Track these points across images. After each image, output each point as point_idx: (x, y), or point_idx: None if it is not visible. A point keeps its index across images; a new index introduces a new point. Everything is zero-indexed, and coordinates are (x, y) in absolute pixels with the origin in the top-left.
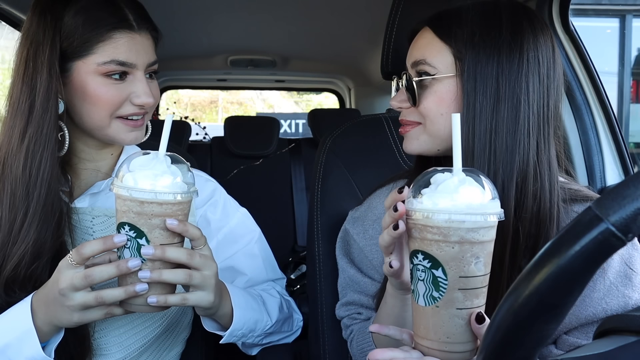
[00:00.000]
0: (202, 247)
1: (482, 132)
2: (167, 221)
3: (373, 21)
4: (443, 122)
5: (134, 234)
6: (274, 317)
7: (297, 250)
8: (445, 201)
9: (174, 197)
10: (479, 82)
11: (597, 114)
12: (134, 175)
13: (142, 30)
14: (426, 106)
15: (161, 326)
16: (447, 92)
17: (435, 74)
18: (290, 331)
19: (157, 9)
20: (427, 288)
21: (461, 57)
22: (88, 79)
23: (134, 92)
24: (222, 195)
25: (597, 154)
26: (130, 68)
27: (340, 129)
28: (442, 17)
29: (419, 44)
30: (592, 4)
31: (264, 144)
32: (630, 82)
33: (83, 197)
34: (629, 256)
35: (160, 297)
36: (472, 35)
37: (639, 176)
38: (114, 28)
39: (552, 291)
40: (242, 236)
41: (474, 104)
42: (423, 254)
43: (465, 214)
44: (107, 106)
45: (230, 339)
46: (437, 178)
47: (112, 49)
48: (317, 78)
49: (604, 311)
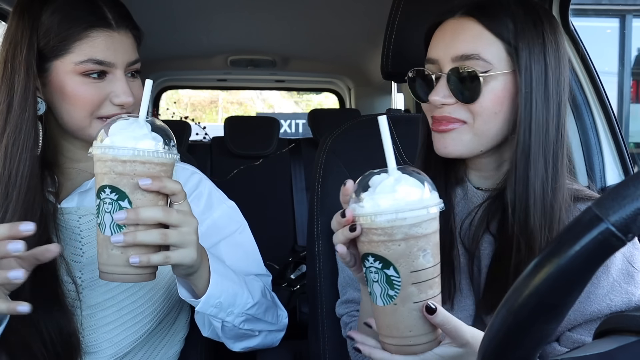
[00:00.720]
0: (181, 202)
1: (537, 128)
2: (140, 182)
3: (373, 21)
4: (495, 120)
5: (115, 196)
6: (255, 297)
7: (297, 250)
8: (386, 201)
9: (157, 156)
10: (534, 77)
11: (597, 114)
12: (112, 139)
13: (121, 28)
14: (482, 104)
15: (152, 322)
16: (504, 89)
17: (488, 69)
18: (275, 324)
19: (157, 9)
20: (382, 288)
21: (517, 51)
22: (66, 78)
23: (113, 91)
24: (207, 187)
25: (597, 154)
26: (108, 67)
27: (340, 129)
28: (488, 8)
29: (464, 36)
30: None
31: (264, 144)
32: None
33: (71, 196)
34: (630, 255)
35: (142, 256)
36: (523, 30)
37: (639, 176)
38: (90, 26)
39: (552, 291)
40: (225, 227)
41: (530, 100)
42: (373, 255)
43: (405, 211)
44: (86, 106)
45: (207, 308)
46: (374, 180)
47: (89, 47)
48: (317, 78)
49: (608, 307)
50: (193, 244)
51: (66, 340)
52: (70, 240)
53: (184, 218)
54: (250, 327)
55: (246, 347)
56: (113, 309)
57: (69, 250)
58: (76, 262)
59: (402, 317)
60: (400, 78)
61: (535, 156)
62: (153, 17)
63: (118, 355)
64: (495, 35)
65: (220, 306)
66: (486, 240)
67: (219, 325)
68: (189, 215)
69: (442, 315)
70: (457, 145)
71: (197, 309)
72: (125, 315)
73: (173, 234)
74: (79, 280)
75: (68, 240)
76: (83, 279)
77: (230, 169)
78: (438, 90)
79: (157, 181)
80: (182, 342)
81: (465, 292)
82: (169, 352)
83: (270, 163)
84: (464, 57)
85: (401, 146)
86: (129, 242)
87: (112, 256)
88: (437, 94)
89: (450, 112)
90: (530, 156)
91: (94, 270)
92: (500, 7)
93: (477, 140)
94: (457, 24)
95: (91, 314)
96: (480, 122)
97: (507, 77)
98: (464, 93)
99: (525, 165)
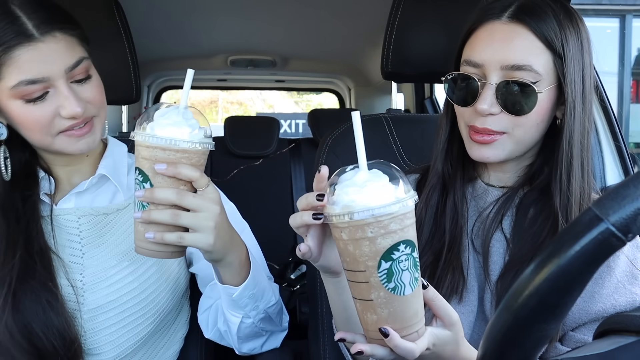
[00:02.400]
0: (204, 188)
1: (579, 135)
2: (155, 166)
3: (373, 21)
4: (536, 130)
5: (141, 177)
6: (276, 296)
7: None
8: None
9: (175, 143)
10: (576, 87)
11: (597, 114)
12: (152, 124)
13: (46, 35)
14: (529, 117)
15: (154, 323)
16: (549, 100)
17: (537, 81)
18: (280, 326)
19: (157, 9)
20: (411, 273)
21: (562, 62)
22: (9, 104)
23: (60, 105)
24: None
25: (597, 154)
26: (45, 83)
27: (340, 129)
28: (537, 13)
29: (517, 44)
30: (592, 4)
31: (264, 144)
32: (630, 82)
33: (68, 197)
34: (634, 257)
35: (157, 233)
36: (567, 38)
37: (639, 176)
38: (9, 47)
39: (552, 291)
40: None
41: (573, 108)
42: (404, 242)
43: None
44: (37, 128)
45: (242, 297)
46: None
47: (16, 70)
48: (317, 78)
49: (613, 307)
50: (210, 230)
51: (68, 347)
52: (68, 241)
53: (201, 203)
54: (264, 327)
55: (252, 348)
56: (115, 311)
57: (67, 251)
58: (76, 263)
59: (419, 300)
60: (400, 78)
61: (576, 162)
62: (153, 17)
63: (120, 357)
64: (545, 44)
65: (253, 297)
66: (495, 238)
67: (237, 321)
68: (210, 202)
69: (433, 290)
70: (500, 155)
71: (234, 296)
72: (128, 317)
73: (187, 216)
74: (80, 283)
75: (66, 241)
76: (84, 281)
77: (230, 169)
78: (486, 98)
79: (172, 167)
80: (182, 340)
81: (471, 288)
82: (168, 352)
83: (270, 163)
84: (516, 67)
85: (401, 146)
86: (145, 219)
87: (138, 232)
88: (484, 103)
89: (492, 124)
90: (572, 161)
91: (95, 273)
92: (548, 12)
93: (516, 147)
94: (507, 29)
95: (93, 317)
96: (521, 132)
97: (552, 89)
98: (514, 105)
99: (568, 172)
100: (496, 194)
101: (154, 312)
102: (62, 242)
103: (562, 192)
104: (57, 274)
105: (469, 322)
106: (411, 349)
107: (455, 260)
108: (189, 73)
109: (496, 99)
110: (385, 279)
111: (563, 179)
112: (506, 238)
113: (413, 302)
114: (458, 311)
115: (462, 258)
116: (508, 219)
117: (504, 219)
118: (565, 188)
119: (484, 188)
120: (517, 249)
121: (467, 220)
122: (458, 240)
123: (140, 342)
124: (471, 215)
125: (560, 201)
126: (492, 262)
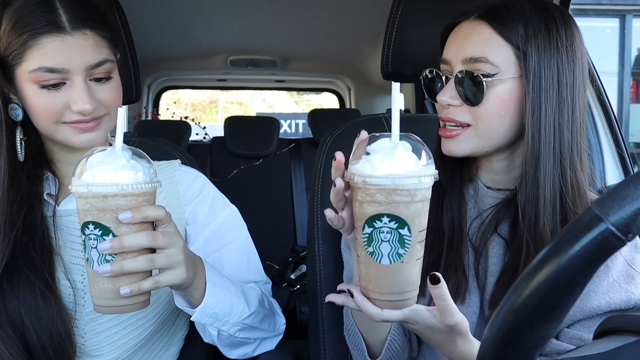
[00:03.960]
0: (166, 224)
1: (548, 132)
2: (120, 216)
3: (373, 21)
4: (499, 124)
5: (99, 232)
6: (252, 307)
7: (297, 250)
8: (406, 164)
9: (138, 188)
10: (543, 83)
11: (597, 114)
12: (92, 172)
13: (77, 30)
14: (487, 107)
15: (154, 325)
16: (510, 92)
17: (496, 73)
18: (272, 331)
19: (156, 9)
20: (393, 247)
21: (525, 56)
22: (25, 87)
23: (71, 98)
24: (211, 191)
25: (597, 154)
26: (63, 74)
27: (340, 129)
28: (500, 12)
29: (475, 39)
30: (592, 4)
31: (264, 144)
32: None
33: (71, 197)
34: (631, 258)
35: (132, 285)
36: (535, 34)
37: (639, 176)
38: (38, 34)
39: (553, 291)
40: (229, 233)
41: (539, 106)
42: (389, 216)
43: (429, 174)
44: (44, 115)
45: (202, 318)
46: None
47: (40, 55)
48: (317, 78)
49: (608, 305)
50: (181, 264)
51: (58, 341)
52: (70, 242)
53: (170, 240)
54: (246, 336)
55: (242, 354)
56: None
57: (69, 252)
58: (77, 264)
59: (406, 274)
60: (400, 78)
61: (545, 161)
62: (153, 17)
63: (120, 358)
64: (505, 39)
65: (215, 316)
66: (494, 240)
67: (215, 333)
68: (175, 236)
69: (443, 288)
70: (465, 148)
71: (192, 318)
72: (128, 319)
73: (160, 258)
74: (80, 284)
75: (68, 242)
76: (85, 283)
77: (230, 169)
78: (446, 90)
79: (138, 212)
80: (182, 340)
81: (472, 289)
82: (168, 352)
83: (270, 163)
84: (473, 59)
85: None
86: (116, 272)
87: (104, 290)
88: (444, 95)
89: (455, 115)
90: (540, 161)
91: None
92: (514, 12)
93: (483, 142)
94: (470, 26)
95: (93, 318)
96: (484, 125)
97: (514, 82)
98: (469, 95)
99: (535, 169)
100: (495, 196)
101: (154, 314)
102: (64, 242)
103: (528, 199)
104: (56, 270)
105: (471, 324)
106: (371, 312)
107: (457, 261)
108: (121, 111)
109: (456, 92)
110: (366, 242)
111: (529, 182)
112: (505, 240)
113: (391, 274)
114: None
115: (464, 259)
116: (507, 221)
117: (501, 222)
118: (531, 194)
119: (484, 190)
120: (515, 251)
121: (467, 221)
122: (459, 240)
123: (141, 343)
124: (471, 216)
125: (527, 208)
126: (492, 263)
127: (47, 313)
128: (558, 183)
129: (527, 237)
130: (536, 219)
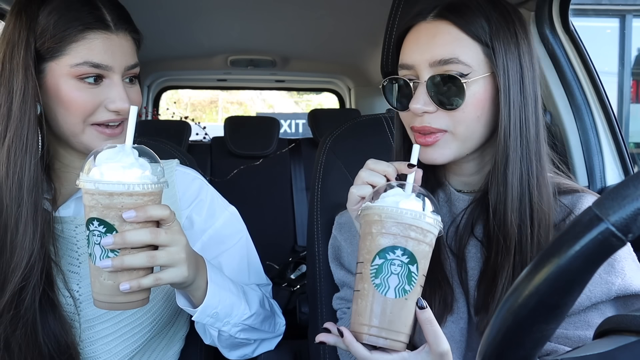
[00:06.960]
0: (171, 223)
1: (516, 126)
2: (123, 215)
3: (373, 21)
4: (477, 125)
5: (103, 229)
6: (253, 308)
7: (297, 250)
8: (423, 208)
9: (144, 188)
10: (510, 78)
11: (597, 114)
12: (100, 169)
13: (120, 31)
14: (465, 110)
15: (151, 332)
16: (484, 92)
17: (468, 72)
18: (272, 332)
19: (157, 9)
20: (401, 281)
21: (494, 52)
22: (61, 81)
23: (108, 97)
24: (209, 193)
25: (597, 154)
26: (105, 71)
27: (340, 129)
28: (460, 9)
29: (441, 39)
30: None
31: (264, 144)
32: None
33: (68, 203)
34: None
35: (132, 281)
36: (498, 31)
37: (639, 176)
38: (87, 28)
39: (552, 291)
40: (228, 237)
41: (509, 100)
42: (403, 249)
43: (440, 221)
44: (79, 111)
45: (204, 318)
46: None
47: (86, 50)
48: (317, 78)
49: (588, 299)
50: (183, 262)
51: (64, 351)
52: (67, 250)
53: (172, 237)
54: (247, 337)
55: (242, 355)
56: (112, 322)
57: (66, 260)
58: (74, 272)
59: (406, 313)
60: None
61: (514, 155)
62: (153, 17)
63: None
64: (472, 37)
65: (216, 316)
66: (470, 243)
67: (216, 333)
68: (178, 234)
69: (429, 313)
70: (445, 155)
71: (194, 318)
72: (124, 327)
73: (161, 255)
74: (77, 293)
75: (65, 250)
76: (81, 292)
77: (230, 169)
78: (418, 98)
79: (142, 212)
80: (182, 340)
81: (458, 296)
82: (169, 352)
83: (270, 163)
84: (443, 61)
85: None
86: (117, 267)
87: (105, 285)
88: (417, 102)
89: (430, 122)
90: (509, 155)
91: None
92: (474, 8)
93: (462, 145)
94: (430, 27)
95: (90, 327)
96: (463, 129)
97: (486, 80)
98: (446, 100)
99: (505, 165)
100: (467, 199)
101: (150, 321)
102: (62, 250)
103: (498, 196)
104: (56, 281)
105: (460, 329)
106: (360, 354)
107: (440, 273)
108: (133, 110)
109: (430, 97)
110: (374, 274)
111: (499, 178)
112: (480, 242)
113: (394, 309)
114: (449, 320)
115: (445, 268)
116: (481, 222)
117: (476, 224)
118: (501, 190)
119: (455, 194)
120: (489, 251)
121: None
122: (437, 249)
123: (138, 349)
124: (446, 222)
125: (497, 205)
126: (470, 267)
127: (62, 331)
128: (526, 176)
129: (497, 234)
130: (504, 215)
